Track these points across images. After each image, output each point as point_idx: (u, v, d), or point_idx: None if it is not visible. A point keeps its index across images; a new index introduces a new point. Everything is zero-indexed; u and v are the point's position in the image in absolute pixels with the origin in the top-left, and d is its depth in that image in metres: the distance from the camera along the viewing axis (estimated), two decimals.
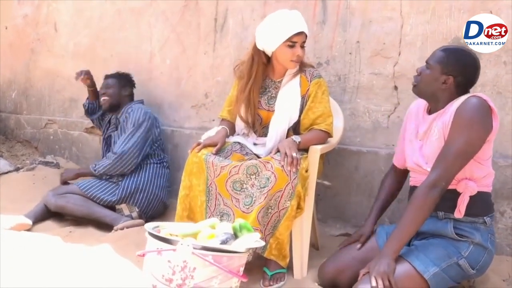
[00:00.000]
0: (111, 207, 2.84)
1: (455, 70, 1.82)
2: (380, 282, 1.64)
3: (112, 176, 2.90)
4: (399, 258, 1.74)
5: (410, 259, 1.72)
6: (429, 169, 1.82)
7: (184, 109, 3.32)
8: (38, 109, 4.16)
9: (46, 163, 3.71)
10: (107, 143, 3.18)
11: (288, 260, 2.11)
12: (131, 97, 3.16)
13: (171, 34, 3.34)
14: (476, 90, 2.37)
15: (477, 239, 1.78)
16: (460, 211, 1.76)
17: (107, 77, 3.16)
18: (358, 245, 2.00)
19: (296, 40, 2.22)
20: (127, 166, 2.86)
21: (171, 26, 3.33)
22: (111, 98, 3.07)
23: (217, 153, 2.17)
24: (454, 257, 1.74)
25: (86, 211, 2.78)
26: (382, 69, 2.61)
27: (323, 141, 2.28)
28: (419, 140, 1.92)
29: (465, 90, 1.86)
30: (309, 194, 2.13)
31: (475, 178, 1.78)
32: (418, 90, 1.93)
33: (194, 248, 1.49)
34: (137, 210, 2.85)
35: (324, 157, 2.44)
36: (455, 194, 1.78)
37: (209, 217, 2.06)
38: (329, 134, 2.30)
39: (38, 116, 4.13)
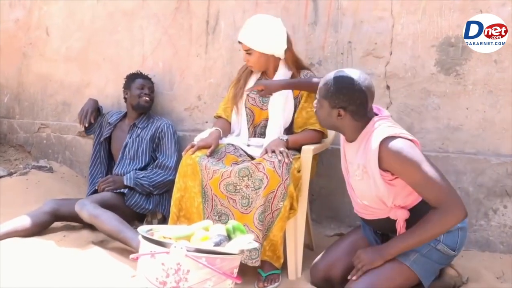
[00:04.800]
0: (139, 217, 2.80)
1: (342, 102, 1.76)
2: (359, 273, 1.77)
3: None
4: None
5: None
6: (365, 203, 1.86)
7: (177, 111, 3.31)
8: (31, 114, 4.13)
9: (40, 168, 3.68)
10: (103, 145, 3.15)
11: (282, 261, 2.11)
12: None
13: (163, 37, 3.34)
14: (468, 89, 2.39)
15: None
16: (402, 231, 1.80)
17: (147, 77, 3.14)
18: None
19: (241, 47, 2.37)
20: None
21: (163, 28, 3.33)
22: (152, 102, 3.10)
23: (210, 155, 2.17)
24: (431, 243, 1.78)
25: (117, 229, 2.47)
26: (374, 69, 2.62)
27: (316, 141, 2.30)
28: (347, 174, 1.98)
29: (363, 114, 1.80)
30: (302, 195, 2.13)
31: (403, 204, 1.80)
32: (322, 125, 1.98)
33: (187, 250, 1.48)
34: (159, 217, 2.85)
35: (317, 158, 2.45)
36: (392, 221, 1.82)
37: (207, 217, 2.07)
38: (323, 134, 2.32)
39: (31, 121, 4.10)
